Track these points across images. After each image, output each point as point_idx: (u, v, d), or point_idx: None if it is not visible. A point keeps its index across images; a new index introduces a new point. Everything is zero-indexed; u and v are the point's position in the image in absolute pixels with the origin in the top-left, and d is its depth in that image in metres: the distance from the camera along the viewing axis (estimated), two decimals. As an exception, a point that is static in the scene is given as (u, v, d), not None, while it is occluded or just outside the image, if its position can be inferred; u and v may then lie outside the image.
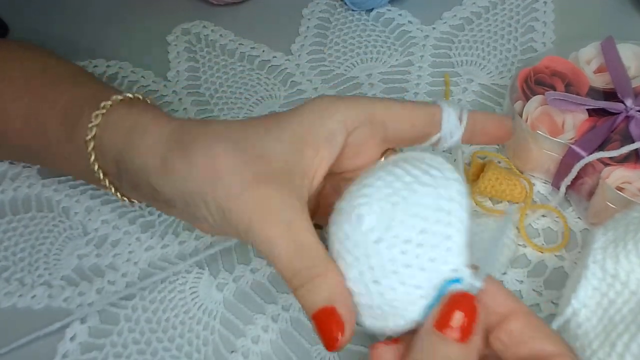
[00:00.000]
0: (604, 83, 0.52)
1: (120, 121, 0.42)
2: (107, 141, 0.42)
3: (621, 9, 0.65)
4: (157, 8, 0.72)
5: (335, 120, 0.38)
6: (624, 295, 0.38)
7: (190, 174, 0.37)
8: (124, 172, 0.42)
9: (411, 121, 0.39)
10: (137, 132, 0.40)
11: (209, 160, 0.37)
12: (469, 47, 0.64)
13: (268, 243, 0.35)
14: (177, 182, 0.38)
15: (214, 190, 0.36)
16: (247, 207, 0.35)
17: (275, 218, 0.35)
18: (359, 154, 0.40)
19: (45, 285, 0.50)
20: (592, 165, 0.47)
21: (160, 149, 0.39)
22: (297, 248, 0.35)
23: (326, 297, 0.34)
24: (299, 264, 0.35)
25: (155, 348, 0.46)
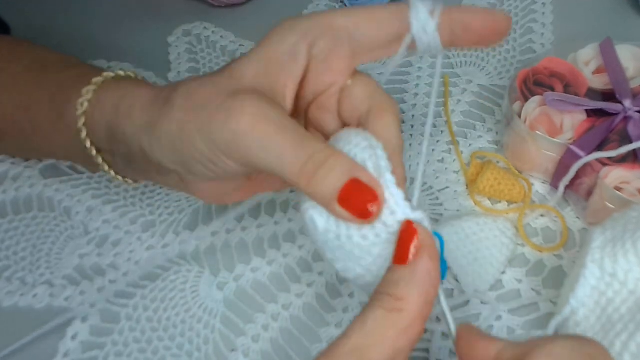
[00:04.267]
0: (603, 84, 0.52)
1: (110, 94, 0.42)
2: (98, 115, 0.42)
3: (620, 10, 0.66)
4: (158, 9, 0.72)
5: (295, 33, 0.37)
6: (622, 295, 0.38)
7: (173, 120, 0.37)
8: (116, 146, 0.42)
9: (376, 23, 0.36)
10: (125, 102, 0.41)
11: (188, 98, 0.37)
12: (468, 48, 0.64)
13: (265, 147, 0.34)
14: (165, 135, 0.37)
15: (199, 123, 0.36)
16: (233, 122, 0.35)
17: (265, 120, 0.34)
18: (327, 69, 0.38)
19: (46, 284, 0.50)
20: (590, 166, 0.47)
21: (147, 111, 0.39)
22: (296, 141, 0.34)
23: (345, 172, 0.33)
24: (304, 154, 0.34)
25: (156, 347, 0.46)
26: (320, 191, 0.33)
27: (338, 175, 0.33)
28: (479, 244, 0.47)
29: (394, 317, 0.30)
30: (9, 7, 0.69)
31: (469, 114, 0.59)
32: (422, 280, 0.31)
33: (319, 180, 0.33)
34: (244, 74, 0.37)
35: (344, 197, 0.33)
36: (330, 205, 0.33)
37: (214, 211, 0.54)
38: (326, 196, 0.33)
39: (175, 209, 0.54)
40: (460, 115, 0.58)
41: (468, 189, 0.53)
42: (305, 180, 0.33)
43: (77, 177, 0.57)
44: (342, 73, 0.38)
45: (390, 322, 0.30)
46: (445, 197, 0.53)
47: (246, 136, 0.34)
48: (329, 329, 0.46)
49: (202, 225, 0.53)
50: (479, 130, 0.57)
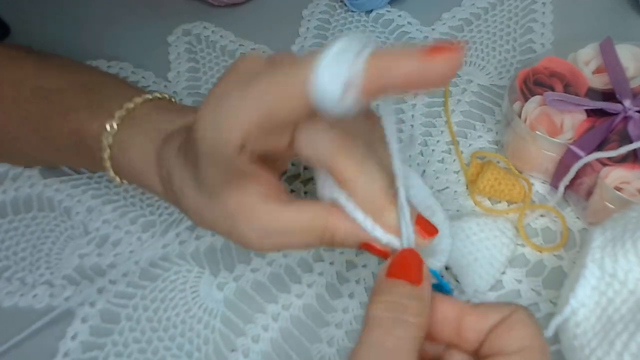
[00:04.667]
0: (603, 84, 0.52)
1: (138, 134, 0.43)
2: (128, 150, 0.44)
3: (619, 10, 0.65)
4: (158, 9, 0.72)
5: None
6: (622, 295, 0.38)
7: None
8: None
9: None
10: (164, 146, 0.42)
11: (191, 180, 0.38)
12: (468, 48, 0.64)
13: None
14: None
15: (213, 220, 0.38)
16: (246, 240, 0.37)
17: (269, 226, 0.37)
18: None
19: (46, 284, 0.50)
20: (590, 166, 0.47)
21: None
22: (305, 223, 0.36)
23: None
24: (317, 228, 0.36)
25: (156, 347, 0.46)
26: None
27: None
28: (479, 244, 0.47)
29: (409, 327, 0.31)
30: (9, 7, 0.69)
31: (469, 114, 0.58)
32: (429, 301, 0.32)
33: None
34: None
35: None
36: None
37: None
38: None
39: (175, 209, 0.54)
40: (460, 115, 0.58)
41: (468, 189, 0.52)
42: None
43: (77, 177, 0.57)
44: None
45: (406, 332, 0.30)
46: (445, 197, 0.53)
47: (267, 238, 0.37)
48: (329, 329, 0.46)
49: (202, 225, 0.53)
50: (479, 130, 0.57)
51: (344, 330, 0.46)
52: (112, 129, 0.43)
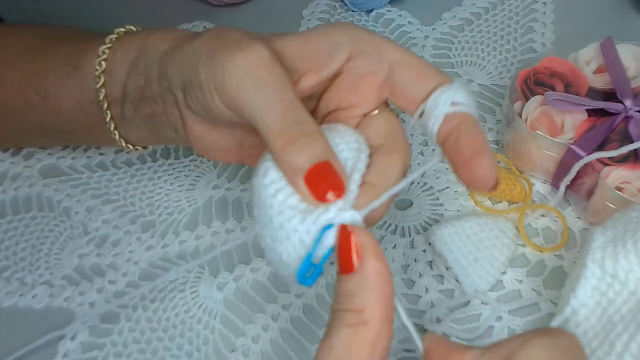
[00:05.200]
0: (603, 83, 0.52)
1: (135, 37, 0.44)
2: (121, 55, 0.44)
3: (620, 9, 0.65)
4: (158, 8, 0.72)
5: (345, 36, 0.37)
6: (623, 295, 0.38)
7: (193, 44, 0.38)
8: (131, 82, 0.43)
9: (418, 73, 0.36)
10: (152, 37, 0.42)
11: (216, 32, 0.38)
12: (469, 48, 0.64)
13: (258, 92, 0.34)
14: (180, 55, 0.38)
15: (211, 49, 0.36)
16: (241, 56, 0.35)
17: (271, 70, 0.34)
18: (356, 88, 0.38)
19: (46, 284, 0.50)
20: (591, 165, 0.47)
21: (173, 40, 0.41)
22: (290, 102, 0.34)
23: (325, 152, 0.33)
24: (292, 117, 0.33)
25: (155, 347, 0.46)
26: (293, 159, 0.32)
27: (316, 152, 0.33)
28: (479, 244, 0.47)
29: (360, 332, 0.29)
30: (6, 5, 0.69)
31: (470, 114, 0.58)
32: (375, 284, 0.29)
33: (297, 148, 0.33)
34: (277, 40, 0.37)
35: (312, 174, 0.32)
36: (295, 176, 0.32)
37: (214, 211, 0.53)
38: (297, 166, 0.32)
39: (175, 209, 0.54)
40: (461, 115, 0.58)
41: (468, 188, 0.52)
42: (283, 141, 0.33)
43: (77, 176, 0.56)
44: (368, 100, 0.38)
45: (359, 338, 0.29)
46: (446, 197, 0.52)
47: (246, 74, 0.34)
48: (329, 329, 0.46)
49: (202, 225, 0.53)
50: (480, 129, 0.57)
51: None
52: (103, 53, 0.44)
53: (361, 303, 0.29)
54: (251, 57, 0.34)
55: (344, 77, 0.38)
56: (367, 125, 0.38)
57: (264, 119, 0.33)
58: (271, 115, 0.33)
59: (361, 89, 0.37)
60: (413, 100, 0.36)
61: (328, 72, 0.37)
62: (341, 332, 0.29)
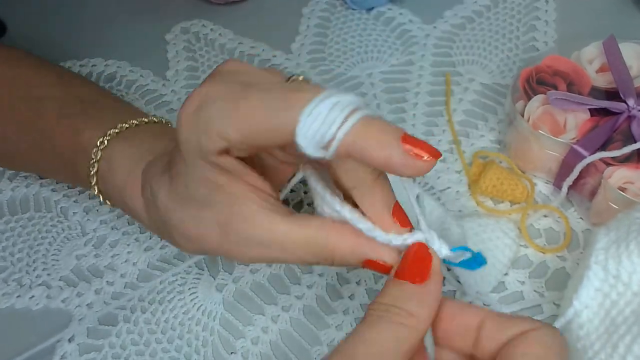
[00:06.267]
0: (606, 82, 0.51)
1: (126, 151, 0.43)
2: (115, 169, 0.43)
3: (623, 8, 0.65)
4: (156, 7, 0.72)
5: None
6: (626, 296, 0.38)
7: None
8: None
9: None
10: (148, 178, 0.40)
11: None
12: (470, 47, 0.64)
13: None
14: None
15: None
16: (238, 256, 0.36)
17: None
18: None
19: (43, 286, 0.50)
20: (594, 165, 0.46)
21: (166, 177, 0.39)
22: (304, 239, 0.34)
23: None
24: (307, 251, 0.34)
25: (154, 349, 0.46)
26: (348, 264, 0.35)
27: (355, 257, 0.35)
28: (481, 245, 0.47)
29: (412, 332, 0.30)
30: (6, 5, 0.69)
31: (471, 113, 0.58)
32: (432, 303, 0.31)
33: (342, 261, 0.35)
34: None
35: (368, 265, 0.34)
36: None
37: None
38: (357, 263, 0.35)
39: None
40: (462, 114, 0.58)
41: (470, 189, 0.52)
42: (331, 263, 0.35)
43: (75, 177, 0.56)
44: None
45: (409, 336, 0.30)
46: (447, 197, 0.52)
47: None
48: (329, 331, 0.46)
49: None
50: (481, 129, 0.56)
51: (345, 332, 0.46)
52: (102, 144, 0.43)
53: (415, 310, 0.30)
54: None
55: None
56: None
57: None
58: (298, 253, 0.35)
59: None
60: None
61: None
62: (392, 325, 0.30)
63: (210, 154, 0.32)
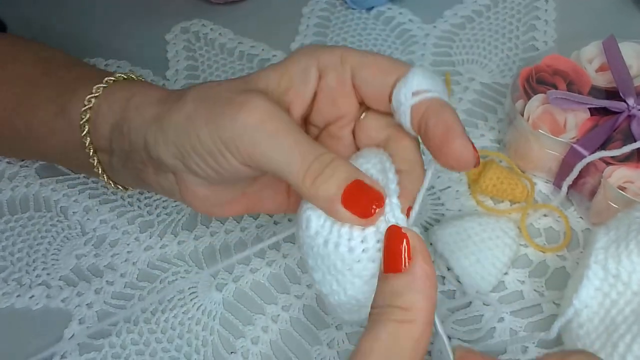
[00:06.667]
0: (606, 82, 0.51)
1: (121, 91, 0.43)
2: (105, 109, 0.42)
3: (623, 8, 0.65)
4: (156, 6, 0.71)
5: (309, 58, 0.38)
6: (626, 296, 0.38)
7: (182, 112, 0.37)
8: (118, 142, 0.42)
9: (375, 70, 0.37)
10: (136, 98, 0.41)
11: (201, 93, 0.38)
12: (470, 46, 0.64)
13: (274, 144, 0.34)
14: (172, 126, 0.38)
15: (208, 115, 0.36)
16: (244, 115, 0.35)
17: (276, 118, 0.35)
18: (335, 102, 0.39)
19: (43, 285, 0.50)
20: (594, 165, 0.46)
21: (158, 105, 0.40)
22: (303, 142, 0.35)
23: (351, 172, 0.34)
24: (311, 155, 0.34)
25: (154, 349, 0.46)
26: (325, 190, 0.33)
27: (343, 175, 0.33)
28: (481, 245, 0.47)
29: (407, 328, 0.29)
30: (6, 5, 0.69)
31: (471, 112, 0.58)
32: (424, 286, 0.30)
33: (324, 179, 0.33)
34: (259, 81, 0.38)
35: (348, 196, 0.33)
36: (333, 204, 0.33)
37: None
38: (330, 195, 0.33)
39: (174, 209, 0.53)
40: (462, 114, 0.58)
41: (470, 188, 0.52)
42: (309, 180, 0.34)
43: (74, 176, 0.56)
44: (349, 108, 0.39)
45: (406, 334, 0.29)
46: (447, 196, 0.52)
47: (256, 131, 0.35)
48: (329, 330, 0.46)
49: (201, 226, 0.52)
50: (481, 128, 0.56)
51: (344, 332, 0.46)
52: (89, 102, 0.43)
53: (409, 302, 0.30)
54: (255, 112, 0.35)
55: (321, 96, 0.39)
56: (361, 129, 0.39)
57: (286, 167, 0.34)
58: (292, 162, 0.34)
59: (338, 99, 0.38)
60: (379, 98, 0.37)
61: (307, 97, 0.38)
62: (388, 325, 0.30)
63: None
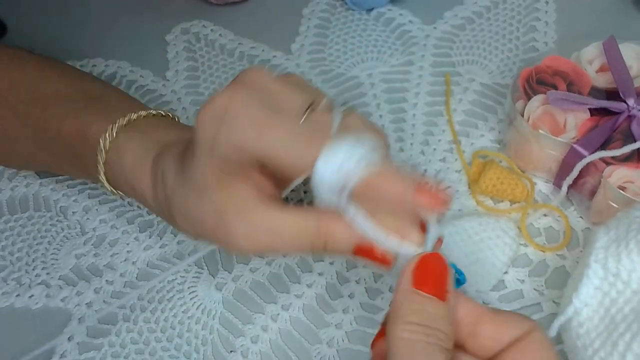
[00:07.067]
0: (606, 82, 0.51)
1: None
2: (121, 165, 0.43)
3: (623, 8, 0.65)
4: (156, 7, 0.72)
5: None
6: (625, 295, 0.38)
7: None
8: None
9: None
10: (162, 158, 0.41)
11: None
12: (470, 47, 0.64)
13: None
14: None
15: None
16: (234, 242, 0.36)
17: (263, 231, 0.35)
18: None
19: (43, 285, 0.50)
20: (594, 165, 0.46)
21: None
22: (296, 222, 0.35)
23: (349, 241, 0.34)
24: (307, 237, 0.35)
25: (153, 348, 0.46)
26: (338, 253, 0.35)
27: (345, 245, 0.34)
28: (481, 244, 0.47)
29: (439, 355, 0.29)
30: (6, 5, 0.69)
31: (471, 113, 0.58)
32: (454, 318, 0.30)
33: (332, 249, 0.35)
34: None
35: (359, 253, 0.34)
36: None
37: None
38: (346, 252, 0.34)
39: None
40: (463, 114, 0.58)
41: (470, 188, 0.52)
42: (320, 250, 0.35)
43: (74, 176, 0.56)
44: None
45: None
46: (447, 196, 0.52)
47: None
48: (329, 329, 0.46)
49: (201, 225, 0.52)
50: (481, 129, 0.57)
51: (344, 331, 0.46)
52: (111, 135, 0.43)
53: (447, 328, 0.29)
54: (242, 242, 0.36)
55: None
56: None
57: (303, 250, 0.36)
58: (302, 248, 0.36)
59: None
60: None
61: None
62: (428, 352, 0.29)
63: (221, 159, 0.34)
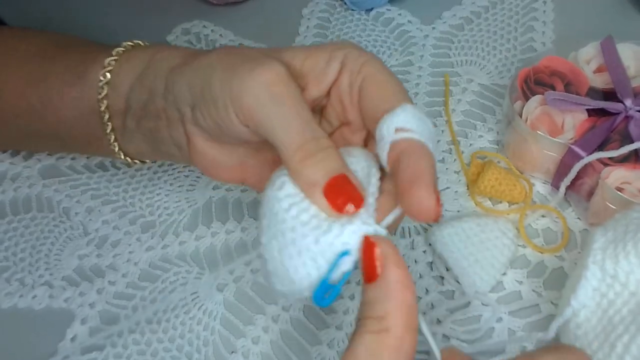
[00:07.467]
0: (604, 83, 0.52)
1: (143, 52, 0.44)
2: (127, 68, 0.44)
3: (621, 9, 0.65)
4: (157, 7, 0.72)
5: (338, 50, 0.38)
6: (623, 296, 0.38)
7: (204, 60, 0.38)
8: (135, 95, 0.43)
9: (380, 91, 0.37)
10: (161, 53, 0.43)
11: (226, 49, 0.39)
12: (469, 47, 0.64)
13: (278, 110, 0.35)
14: (190, 71, 0.39)
15: (226, 66, 0.37)
16: (258, 74, 0.35)
17: (287, 86, 0.35)
18: (343, 105, 0.39)
19: (46, 285, 0.50)
20: (591, 166, 0.47)
21: (183, 57, 0.41)
22: (307, 119, 0.35)
23: (340, 165, 0.34)
24: (310, 133, 0.34)
25: (155, 348, 0.46)
26: (312, 172, 0.33)
27: (334, 165, 0.34)
28: (479, 245, 0.47)
29: (383, 338, 0.29)
30: (5, 4, 0.69)
31: (470, 114, 0.58)
32: (396, 292, 0.30)
33: (315, 162, 0.34)
34: (285, 54, 0.38)
35: (331, 187, 0.33)
36: (313, 189, 0.33)
37: (214, 212, 0.53)
38: (314, 180, 0.33)
39: (175, 210, 0.54)
40: (461, 115, 0.58)
41: (469, 189, 0.52)
42: (300, 156, 0.34)
43: (76, 177, 0.56)
44: (354, 116, 0.39)
45: (382, 344, 0.29)
46: (446, 197, 0.52)
47: (263, 90, 0.35)
48: (329, 330, 0.46)
49: (202, 226, 0.53)
50: (480, 129, 0.57)
51: (345, 332, 0.46)
52: (109, 65, 0.44)
53: (383, 310, 0.29)
54: (269, 73, 0.35)
55: (333, 93, 0.39)
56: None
57: (281, 135, 0.34)
58: (288, 131, 0.34)
59: (346, 104, 0.38)
60: (371, 120, 0.36)
61: (323, 87, 0.38)
62: (364, 338, 0.29)
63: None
